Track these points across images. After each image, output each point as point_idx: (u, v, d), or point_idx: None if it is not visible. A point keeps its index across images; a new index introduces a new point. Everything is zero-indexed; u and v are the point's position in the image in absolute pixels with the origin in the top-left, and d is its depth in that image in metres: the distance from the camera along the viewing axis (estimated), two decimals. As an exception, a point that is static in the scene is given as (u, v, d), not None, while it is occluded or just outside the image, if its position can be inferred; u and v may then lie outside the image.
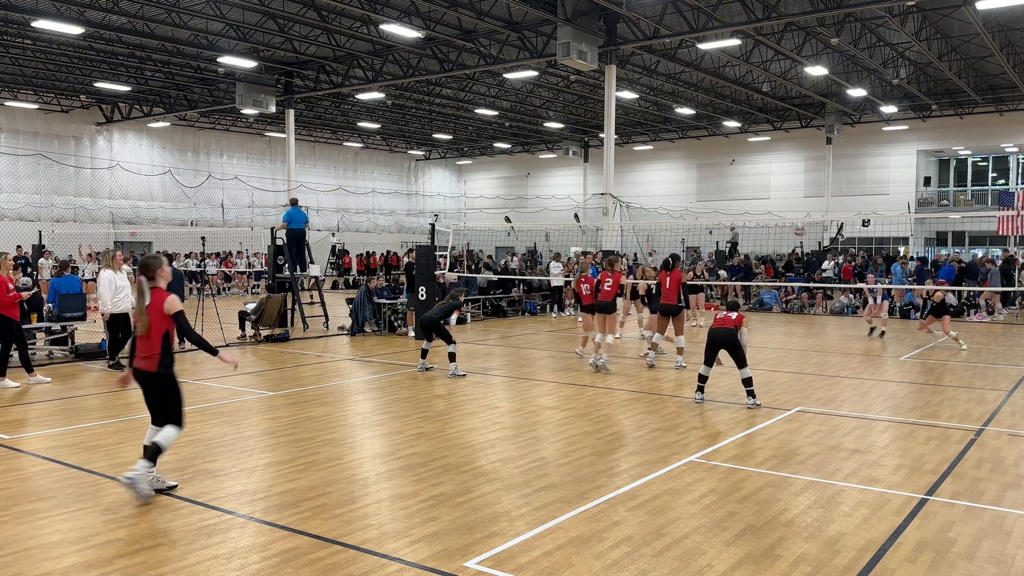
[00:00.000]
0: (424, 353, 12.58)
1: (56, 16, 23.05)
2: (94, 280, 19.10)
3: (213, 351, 6.39)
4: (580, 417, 9.16)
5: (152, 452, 6.07)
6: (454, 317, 12.60)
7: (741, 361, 9.74)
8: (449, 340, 12.01)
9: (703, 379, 10.13)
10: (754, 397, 9.79)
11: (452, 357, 12.03)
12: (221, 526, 5.52)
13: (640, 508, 5.95)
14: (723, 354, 9.96)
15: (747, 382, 9.80)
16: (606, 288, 12.58)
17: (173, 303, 6.13)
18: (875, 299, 17.93)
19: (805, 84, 32.56)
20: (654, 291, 14.47)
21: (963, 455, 7.54)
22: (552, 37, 24.19)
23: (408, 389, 10.94)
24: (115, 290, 12.05)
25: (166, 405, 6.20)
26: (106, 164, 39.20)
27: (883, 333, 17.58)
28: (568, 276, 22.66)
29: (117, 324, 12.21)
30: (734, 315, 9.85)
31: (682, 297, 13.18)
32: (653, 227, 34.26)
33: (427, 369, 12.50)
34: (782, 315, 23.75)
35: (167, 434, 6.14)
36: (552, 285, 23.27)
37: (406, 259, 17.75)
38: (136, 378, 6.30)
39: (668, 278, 12.88)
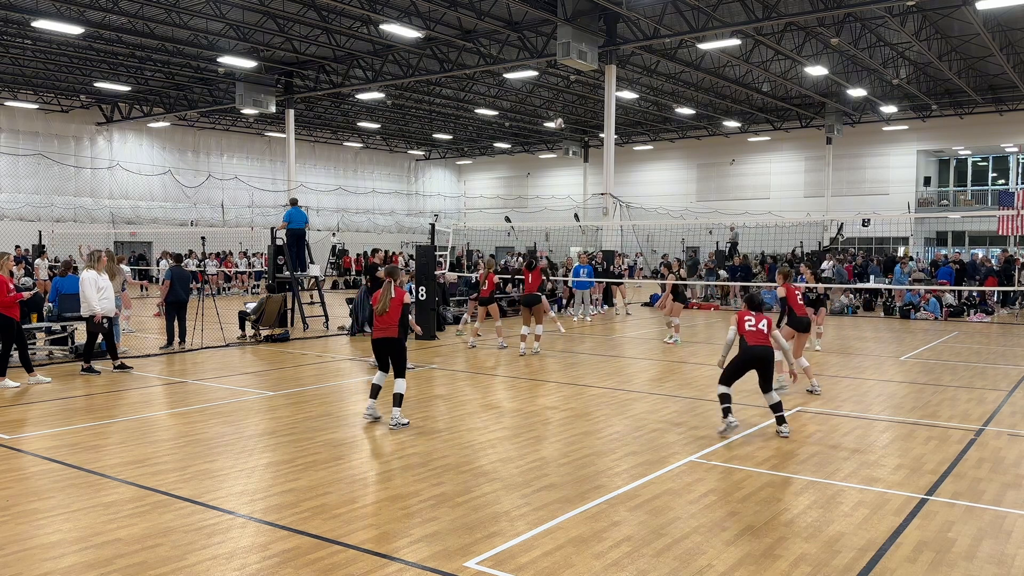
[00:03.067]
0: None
1: (56, 16, 23.06)
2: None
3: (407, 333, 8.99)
4: (580, 417, 9.16)
5: (398, 399, 8.54)
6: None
7: (770, 383, 8.22)
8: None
9: (728, 399, 8.31)
10: (785, 423, 8.19)
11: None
12: (221, 526, 5.52)
13: (640, 508, 5.95)
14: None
15: (777, 407, 8.19)
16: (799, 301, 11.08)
17: (406, 298, 8.78)
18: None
19: (805, 84, 32.58)
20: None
21: (963, 455, 7.54)
22: (552, 37, 24.20)
23: (408, 389, 10.93)
24: (98, 290, 11.99)
25: (400, 362, 8.62)
26: (106, 164, 39.23)
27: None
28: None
29: (96, 325, 12.11)
30: (764, 323, 8.27)
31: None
32: (653, 227, 34.29)
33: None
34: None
35: (401, 385, 8.61)
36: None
37: (373, 259, 17.40)
38: (378, 343, 8.66)
39: (530, 275, 14.67)
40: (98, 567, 4.83)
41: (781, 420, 8.19)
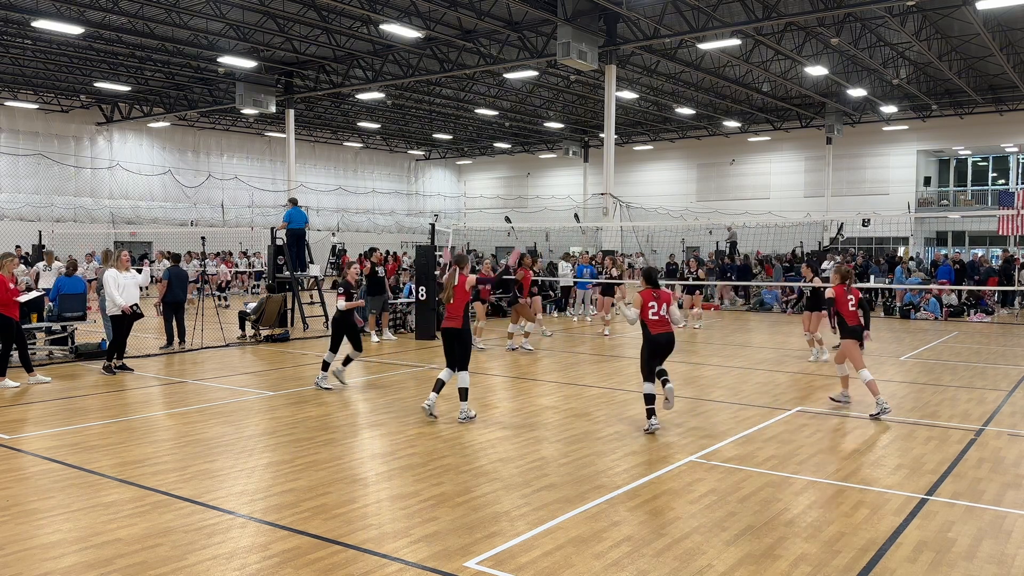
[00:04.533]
0: (345, 360, 11.05)
1: (56, 16, 23.05)
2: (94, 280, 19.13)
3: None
4: (580, 417, 9.16)
5: (464, 394, 8.73)
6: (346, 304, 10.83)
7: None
8: (358, 346, 10.85)
9: (653, 399, 8.36)
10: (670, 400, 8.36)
11: (346, 361, 10.88)
12: (221, 526, 5.52)
13: (640, 508, 5.95)
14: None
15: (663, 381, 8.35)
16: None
17: (471, 280, 8.86)
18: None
19: (805, 84, 32.57)
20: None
21: (963, 455, 7.54)
22: (552, 37, 24.19)
23: (408, 389, 10.93)
24: (120, 288, 11.99)
25: (464, 353, 8.70)
26: (106, 164, 39.22)
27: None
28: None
29: (122, 324, 12.11)
30: (665, 307, 8.31)
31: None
32: (653, 227, 34.28)
33: (324, 389, 10.84)
34: (782, 315, 23.75)
35: (465, 379, 8.73)
36: (561, 285, 23.25)
37: (368, 261, 17.30)
38: (444, 333, 8.83)
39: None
40: (98, 567, 4.83)
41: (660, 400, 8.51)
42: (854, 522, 5.69)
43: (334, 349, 10.86)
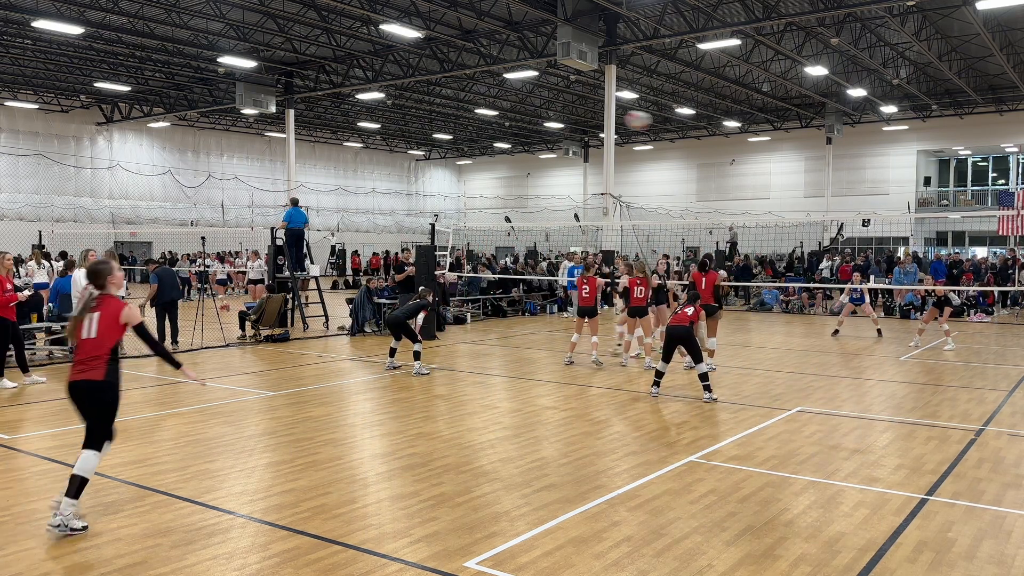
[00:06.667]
0: (392, 352, 12.56)
1: (56, 16, 23.06)
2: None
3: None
4: (580, 417, 9.16)
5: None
6: (421, 316, 12.63)
7: (696, 357, 10.04)
8: (415, 339, 12.18)
9: (660, 375, 10.34)
10: (710, 392, 10.00)
11: (416, 356, 12.14)
12: (221, 526, 5.52)
13: (640, 508, 5.95)
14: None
15: (702, 377, 10.04)
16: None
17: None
18: (859, 300, 17.97)
19: (805, 84, 32.56)
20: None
21: (963, 455, 7.54)
22: (552, 37, 24.19)
23: (408, 389, 10.94)
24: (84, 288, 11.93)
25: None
26: (106, 164, 39.23)
27: (880, 332, 17.70)
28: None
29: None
30: (691, 310, 10.09)
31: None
32: (653, 227, 34.26)
33: (394, 368, 12.46)
34: (782, 315, 23.75)
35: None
36: (561, 284, 23.31)
37: (399, 259, 17.52)
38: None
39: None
40: (98, 567, 4.83)
41: (707, 388, 10.02)
42: (854, 522, 5.69)
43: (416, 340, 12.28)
